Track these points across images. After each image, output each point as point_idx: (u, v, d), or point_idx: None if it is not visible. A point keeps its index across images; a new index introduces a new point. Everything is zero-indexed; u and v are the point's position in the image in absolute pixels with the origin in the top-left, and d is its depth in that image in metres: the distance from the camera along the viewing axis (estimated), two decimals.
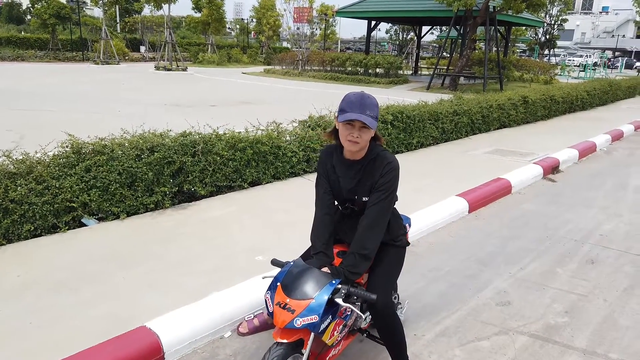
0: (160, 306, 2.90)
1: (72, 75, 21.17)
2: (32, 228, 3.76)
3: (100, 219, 4.20)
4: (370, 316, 2.57)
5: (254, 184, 5.44)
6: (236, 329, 2.93)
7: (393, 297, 2.81)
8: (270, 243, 3.96)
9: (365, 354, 2.77)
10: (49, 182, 3.85)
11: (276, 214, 4.64)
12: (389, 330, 2.38)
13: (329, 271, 2.27)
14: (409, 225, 2.83)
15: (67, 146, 4.14)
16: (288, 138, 5.88)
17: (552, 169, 7.17)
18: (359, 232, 2.29)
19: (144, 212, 4.44)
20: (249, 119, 6.01)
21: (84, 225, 4.09)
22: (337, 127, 2.28)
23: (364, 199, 2.34)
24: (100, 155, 4.16)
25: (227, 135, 5.14)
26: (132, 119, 5.98)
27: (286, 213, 4.66)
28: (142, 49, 41.16)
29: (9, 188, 3.64)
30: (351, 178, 2.35)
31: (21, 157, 3.89)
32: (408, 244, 2.63)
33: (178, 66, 26.71)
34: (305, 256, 2.45)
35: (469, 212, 5.24)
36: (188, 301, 2.95)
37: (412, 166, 6.69)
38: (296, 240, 2.93)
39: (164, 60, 27.51)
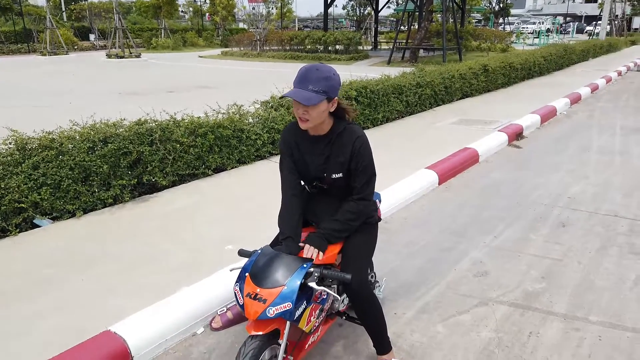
0: (124, 309, 2.70)
1: (18, 68, 20.04)
2: None
3: (54, 218, 3.91)
4: (347, 298, 2.46)
5: (218, 170, 5.22)
6: (209, 325, 2.77)
7: (370, 276, 2.74)
8: (240, 232, 3.78)
9: (345, 338, 2.66)
10: None
11: (244, 200, 4.46)
12: (366, 310, 2.29)
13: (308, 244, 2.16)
14: (379, 201, 2.72)
15: (10, 143, 3.81)
16: (251, 120, 5.66)
17: (516, 135, 7.22)
18: (348, 203, 2.24)
19: (102, 208, 4.17)
20: (209, 104, 5.75)
21: (37, 226, 3.81)
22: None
23: (333, 175, 2.22)
24: (49, 150, 3.86)
25: (186, 120, 4.89)
26: (85, 110, 5.62)
27: (254, 199, 4.49)
28: (92, 37, 39.36)
29: None
30: (319, 155, 2.22)
31: None
32: (379, 219, 2.52)
33: (131, 53, 25.67)
34: (274, 243, 2.31)
35: (439, 184, 5.19)
36: (155, 300, 2.76)
37: (378, 141, 6.57)
38: (267, 227, 2.79)
39: (115, 48, 26.36)
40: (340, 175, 2.22)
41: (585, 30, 52.11)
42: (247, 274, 2.04)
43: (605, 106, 10.12)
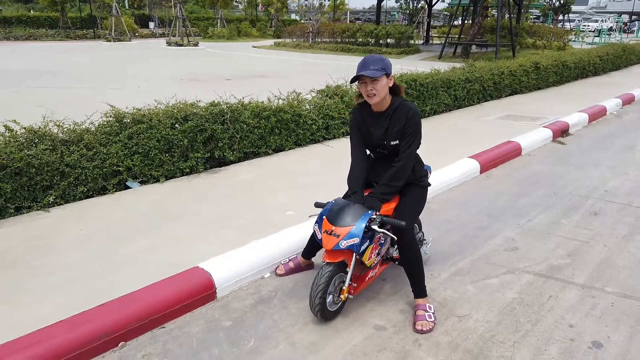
0: (207, 252, 3.31)
1: (87, 53, 21.50)
2: (85, 190, 4.19)
3: (142, 182, 4.61)
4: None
5: (277, 150, 5.81)
6: (274, 271, 3.34)
7: (418, 233, 3.37)
8: (298, 201, 4.34)
9: (395, 282, 3.17)
10: (97, 149, 4.25)
11: (300, 176, 5.02)
12: (410, 256, 2.84)
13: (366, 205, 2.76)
14: (430, 172, 3.24)
15: (110, 116, 4.52)
16: (307, 107, 6.21)
17: (561, 132, 7.42)
18: (393, 169, 2.81)
19: (181, 176, 4.85)
20: (265, 92, 6.33)
21: (128, 187, 4.51)
22: (360, 90, 2.76)
23: (392, 142, 2.80)
24: (140, 124, 4.54)
25: (252, 104, 5.48)
26: (152, 94, 6.34)
27: (309, 176, 5.03)
28: (151, 25, 41.19)
29: (64, 154, 4.05)
30: (380, 126, 2.81)
31: (71, 127, 4.29)
32: (429, 184, 3.10)
33: (189, 41, 26.87)
34: (345, 196, 2.95)
35: (481, 172, 5.57)
36: (231, 249, 3.36)
37: (426, 132, 6.88)
38: (320, 198, 3.30)
39: (174, 36, 27.65)
40: (397, 142, 2.81)
41: None
42: (324, 217, 2.72)
43: None
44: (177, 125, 4.70)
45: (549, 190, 5.07)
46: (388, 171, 2.85)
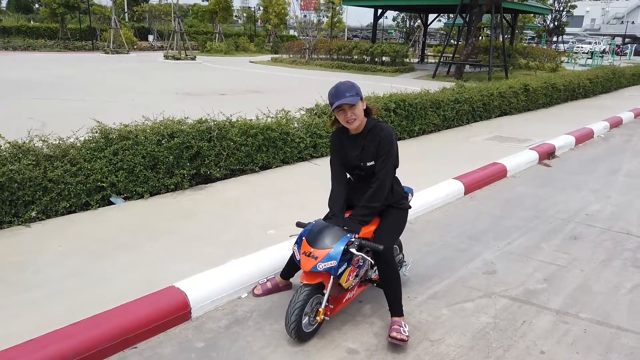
0: (185, 271, 3.33)
1: (84, 65, 21.59)
2: (68, 205, 4.20)
3: (126, 198, 4.62)
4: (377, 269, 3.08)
5: (264, 167, 5.85)
6: (252, 291, 3.35)
7: (399, 255, 3.43)
8: (282, 220, 4.36)
9: (374, 303, 3.19)
10: (81, 164, 4.28)
11: (286, 195, 5.05)
12: (389, 276, 2.87)
13: (345, 228, 2.82)
14: (411, 195, 3.31)
15: (96, 132, 4.55)
16: (296, 125, 6.26)
17: (547, 154, 7.51)
18: (370, 190, 2.88)
19: (165, 193, 4.87)
20: (259, 107, 6.40)
21: (112, 203, 4.52)
22: (336, 116, 2.87)
23: (368, 163, 2.88)
24: (126, 140, 4.58)
25: (240, 122, 5.53)
26: (145, 108, 6.40)
27: (295, 194, 5.06)
28: (150, 37, 41.49)
29: (47, 169, 4.07)
30: (356, 148, 2.90)
31: (56, 142, 4.32)
32: (409, 207, 3.15)
33: (187, 55, 27.05)
34: (325, 218, 3.02)
35: (465, 193, 5.62)
36: (209, 267, 3.37)
37: (413, 152, 7.06)
38: (304, 218, 3.33)
39: (172, 50, 27.85)
40: (373, 162, 2.86)
41: None
42: (304, 238, 2.78)
43: None
44: (163, 142, 4.73)
45: (531, 212, 5.12)
46: (366, 193, 2.91)
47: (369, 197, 2.87)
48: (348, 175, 3.09)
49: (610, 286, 3.62)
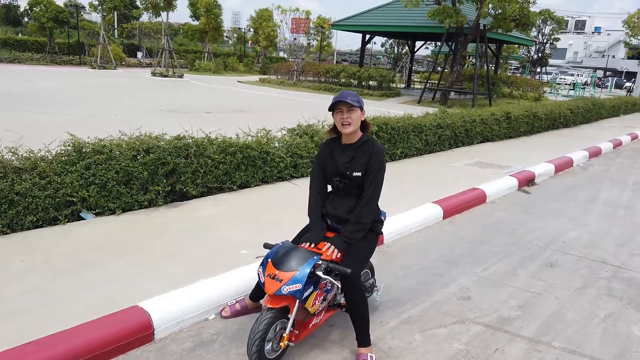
0: (151, 290, 3.21)
1: (69, 79, 21.45)
2: (35, 219, 4.07)
3: (97, 214, 4.50)
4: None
5: (243, 186, 5.77)
6: (219, 313, 3.24)
7: (370, 279, 3.35)
8: (256, 240, 4.24)
9: (343, 328, 3.10)
10: (51, 178, 4.16)
11: (262, 214, 4.97)
12: (356, 303, 2.79)
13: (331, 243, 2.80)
14: (384, 218, 3.23)
15: (69, 145, 4.45)
16: (277, 144, 6.22)
17: (527, 181, 7.56)
18: (359, 206, 2.87)
19: (139, 209, 4.75)
20: (242, 126, 6.35)
21: (82, 219, 4.40)
22: (334, 122, 2.88)
23: (354, 173, 2.86)
24: (100, 154, 4.48)
25: (219, 139, 5.47)
26: (128, 123, 6.32)
27: (272, 214, 4.99)
28: (139, 54, 41.53)
29: (14, 182, 3.95)
30: (347, 156, 2.90)
31: (26, 154, 4.20)
32: (381, 232, 3.12)
33: (174, 73, 27.07)
34: (295, 240, 2.97)
35: (444, 218, 5.59)
36: (176, 287, 3.26)
37: (394, 175, 7.04)
38: (279, 238, 3.25)
39: (160, 67, 27.87)
40: (360, 174, 2.85)
41: (624, 86, 51.77)
42: (269, 260, 2.67)
43: (623, 162, 10.34)
44: (139, 158, 4.65)
45: (508, 239, 5.11)
46: (355, 210, 2.88)
47: (358, 213, 2.86)
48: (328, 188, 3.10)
49: (584, 314, 3.59)
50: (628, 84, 50.11)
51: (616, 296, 3.92)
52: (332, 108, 2.81)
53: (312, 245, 2.83)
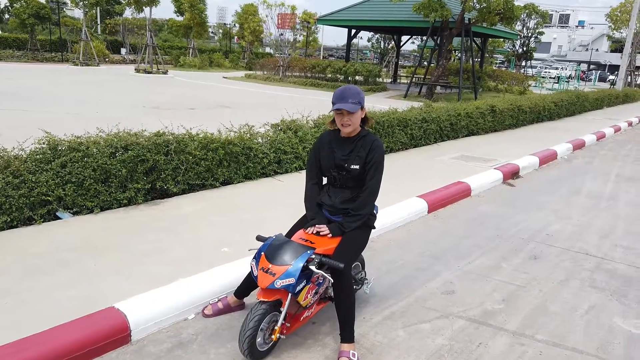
0: (128, 290, 3.13)
1: (51, 76, 21.07)
2: (9, 219, 3.95)
3: (74, 213, 4.39)
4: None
5: (225, 183, 5.69)
6: (201, 312, 3.18)
7: (361, 272, 3.36)
8: (238, 237, 4.21)
9: (334, 321, 3.05)
10: (25, 177, 4.04)
11: (244, 211, 4.89)
12: (344, 297, 2.79)
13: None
14: (376, 212, 3.19)
15: (43, 143, 4.33)
16: (260, 140, 6.14)
17: (512, 174, 7.57)
18: (361, 198, 2.92)
19: (117, 208, 4.65)
20: (226, 122, 6.26)
21: (58, 218, 4.29)
22: (334, 116, 2.90)
23: (352, 166, 2.88)
24: (76, 152, 4.37)
25: (200, 135, 5.38)
26: (110, 120, 6.18)
27: (254, 211, 4.92)
28: (123, 51, 41.01)
29: None
30: (345, 149, 2.95)
31: None
32: (374, 227, 3.12)
33: (159, 69, 26.73)
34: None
35: (428, 212, 5.57)
36: (155, 286, 3.19)
37: None
38: (264, 235, 3.22)
39: (144, 63, 27.50)
40: (357, 167, 2.88)
41: (607, 79, 52.43)
42: (262, 253, 2.66)
43: (607, 154, 10.43)
44: (117, 155, 4.54)
45: (493, 232, 5.10)
46: (355, 200, 2.93)
47: (359, 204, 2.90)
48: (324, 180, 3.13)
49: (567, 307, 3.58)
50: (611, 77, 50.77)
51: (599, 287, 3.93)
52: (332, 108, 2.83)
53: (314, 229, 2.89)
